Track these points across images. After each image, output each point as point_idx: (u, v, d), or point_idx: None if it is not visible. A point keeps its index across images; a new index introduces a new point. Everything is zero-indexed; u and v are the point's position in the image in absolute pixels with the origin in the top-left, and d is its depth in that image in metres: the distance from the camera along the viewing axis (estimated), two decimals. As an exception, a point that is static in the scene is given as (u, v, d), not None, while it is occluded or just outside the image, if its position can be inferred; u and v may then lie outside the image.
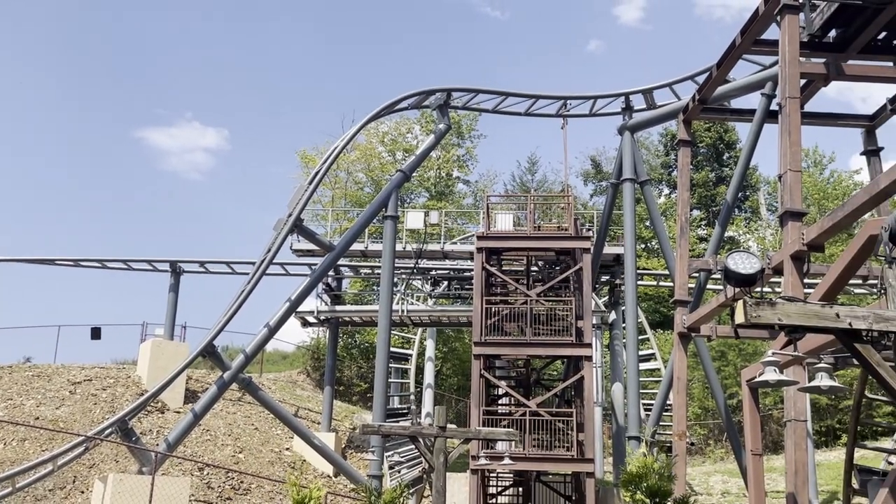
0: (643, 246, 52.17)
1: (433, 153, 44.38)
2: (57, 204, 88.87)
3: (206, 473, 27.42)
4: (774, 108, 18.81)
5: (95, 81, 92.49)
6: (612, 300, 32.89)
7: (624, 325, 30.96)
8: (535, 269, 28.63)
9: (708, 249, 25.63)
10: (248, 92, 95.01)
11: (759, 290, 8.52)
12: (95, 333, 35.89)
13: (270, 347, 42.84)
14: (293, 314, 29.14)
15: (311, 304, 32.70)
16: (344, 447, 33.08)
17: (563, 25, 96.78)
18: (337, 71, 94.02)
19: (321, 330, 40.48)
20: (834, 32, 16.56)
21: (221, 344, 35.66)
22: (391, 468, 30.88)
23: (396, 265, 29.85)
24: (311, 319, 34.27)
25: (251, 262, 30.28)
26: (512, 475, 26.66)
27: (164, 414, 30.63)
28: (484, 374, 23.71)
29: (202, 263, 35.15)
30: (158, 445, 24.62)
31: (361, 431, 16.08)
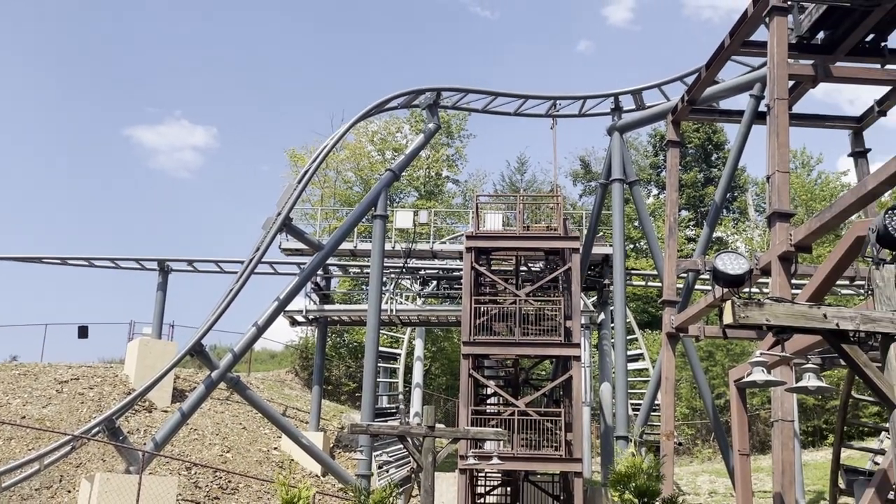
0: (632, 246, 52.25)
1: (422, 152, 44.35)
2: (44, 202, 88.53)
3: (193, 473, 27.34)
4: (763, 109, 18.88)
5: (84, 79, 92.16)
6: (600, 300, 32.94)
7: (612, 325, 31.01)
8: (524, 269, 28.65)
9: (696, 250, 25.70)
10: (237, 90, 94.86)
11: (747, 290, 8.55)
12: (82, 332, 35.74)
13: (259, 346, 42.75)
14: (281, 313, 29.11)
15: (299, 303, 32.69)
16: (332, 447, 33.05)
17: (552, 26, 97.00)
18: (326, 70, 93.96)
19: (310, 329, 40.40)
20: (822, 34, 16.63)
21: (209, 343, 35.56)
22: (379, 468, 30.87)
23: (385, 264, 29.83)
24: (299, 318, 34.22)
25: (240, 260, 30.20)
26: (500, 475, 26.67)
27: (151, 413, 30.52)
28: (473, 373, 23.70)
29: (190, 262, 35.10)
30: (146, 445, 24.53)
31: (350, 431, 16.04)
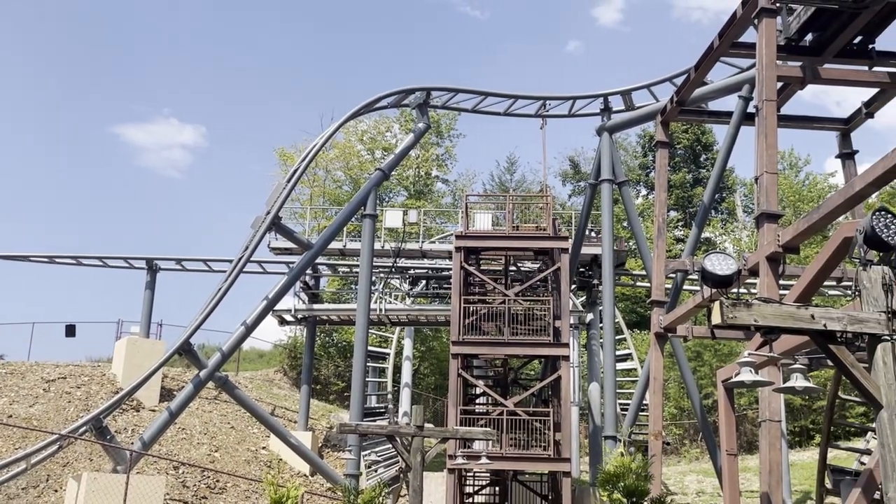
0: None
1: (412, 152, 44.39)
2: (31, 200, 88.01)
3: (181, 472, 27.25)
4: (751, 110, 18.97)
5: (72, 76, 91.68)
6: (589, 300, 33.01)
7: (601, 325, 31.07)
8: (513, 268, 28.68)
9: (685, 250, 25.80)
10: (226, 89, 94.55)
11: (735, 291, 8.57)
12: (70, 331, 35.59)
13: (247, 346, 42.64)
14: (270, 312, 29.05)
15: (288, 302, 32.62)
16: (321, 446, 33.00)
17: (542, 26, 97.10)
18: (316, 69, 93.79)
19: (298, 328, 40.32)
20: (810, 36, 16.72)
21: (198, 342, 35.44)
22: (368, 467, 30.85)
23: (375, 264, 29.81)
24: (288, 318, 34.16)
25: (228, 260, 30.14)
26: (489, 475, 26.68)
27: (139, 412, 30.40)
28: (461, 373, 23.70)
29: (179, 261, 35.01)
30: (133, 444, 24.43)
31: (339, 430, 16.01)
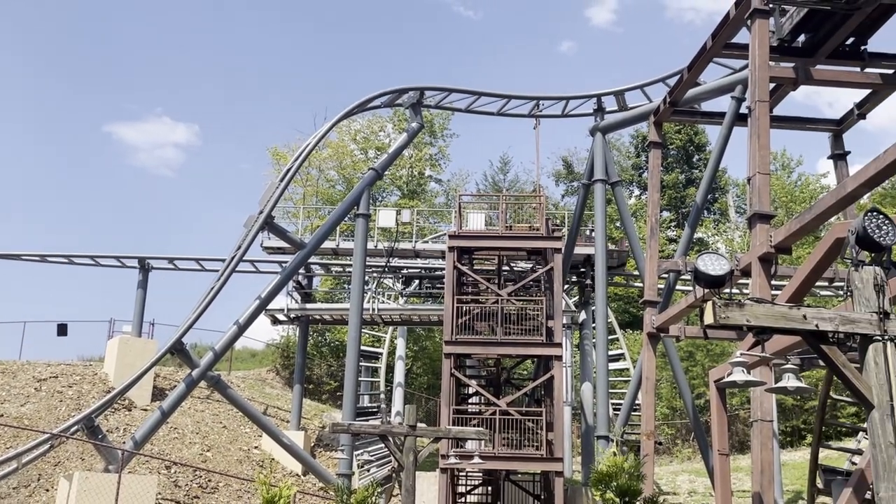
0: (614, 246, 52.30)
1: (405, 152, 44.39)
2: (23, 199, 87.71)
3: (173, 472, 27.19)
4: (744, 111, 19.04)
5: (65, 75, 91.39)
6: (582, 300, 33.04)
7: (594, 324, 31.10)
8: (506, 268, 28.69)
9: (677, 251, 25.84)
10: (219, 88, 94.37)
11: (727, 291, 8.58)
12: (61, 330, 35.47)
13: (239, 345, 42.61)
14: (263, 312, 29.00)
15: (281, 301, 32.59)
16: (313, 446, 32.97)
17: (535, 26, 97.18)
18: (309, 68, 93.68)
19: (291, 328, 40.27)
20: (803, 37, 16.78)
21: (190, 341, 35.12)
22: (360, 467, 30.83)
23: (368, 263, 29.79)
24: (281, 317, 34.11)
25: (221, 259, 30.08)
26: (481, 474, 26.70)
27: (131, 412, 30.32)
28: (454, 372, 23.72)
29: (171, 260, 34.95)
30: (125, 443, 24.37)
31: (331, 430, 15.99)
